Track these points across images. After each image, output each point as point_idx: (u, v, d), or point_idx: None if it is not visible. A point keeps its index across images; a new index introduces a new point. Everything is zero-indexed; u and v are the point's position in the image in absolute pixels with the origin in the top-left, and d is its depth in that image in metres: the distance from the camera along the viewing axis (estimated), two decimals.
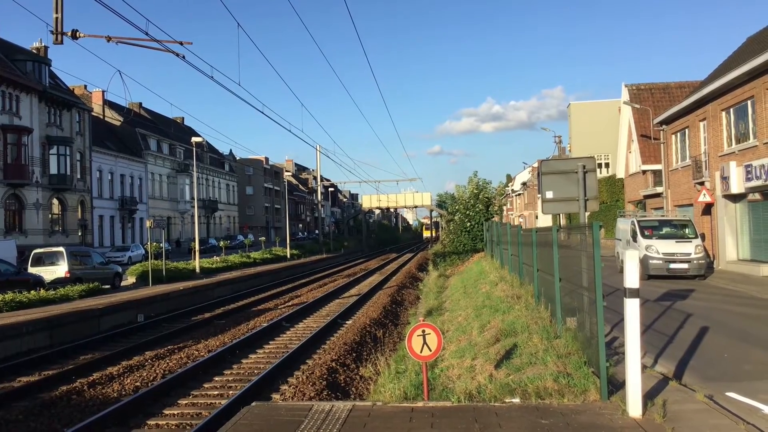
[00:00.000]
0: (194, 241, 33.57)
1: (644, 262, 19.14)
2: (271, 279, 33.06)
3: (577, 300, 7.82)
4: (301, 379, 10.45)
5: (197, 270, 30.15)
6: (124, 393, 10.18)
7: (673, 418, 5.62)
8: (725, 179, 22.17)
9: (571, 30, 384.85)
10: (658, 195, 30.57)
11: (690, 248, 19.44)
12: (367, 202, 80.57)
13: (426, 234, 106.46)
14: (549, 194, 11.07)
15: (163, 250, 29.29)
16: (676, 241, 19.73)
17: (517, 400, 6.40)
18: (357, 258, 56.16)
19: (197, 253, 31.28)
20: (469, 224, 33.36)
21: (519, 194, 79.94)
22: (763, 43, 21.60)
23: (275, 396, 9.84)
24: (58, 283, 21.58)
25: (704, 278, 19.51)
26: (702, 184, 24.63)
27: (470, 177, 35.04)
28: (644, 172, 32.67)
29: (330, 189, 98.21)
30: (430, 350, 6.76)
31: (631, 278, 5.73)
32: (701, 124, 25.39)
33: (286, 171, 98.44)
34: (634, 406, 5.71)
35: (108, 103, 57.67)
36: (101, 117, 55.76)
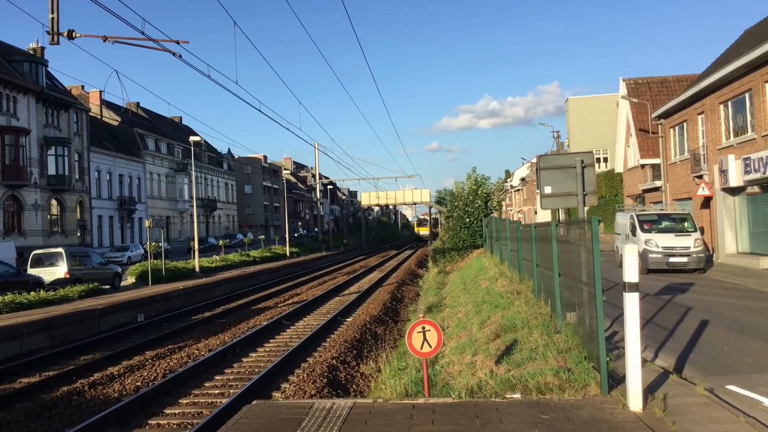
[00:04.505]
0: (193, 241, 33.55)
1: (643, 256, 19.15)
2: (270, 277, 33.04)
3: (576, 295, 7.82)
4: (301, 377, 10.45)
5: (197, 269, 30.14)
6: (124, 393, 10.18)
7: (674, 412, 5.62)
8: (724, 172, 22.17)
9: (566, 25, 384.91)
10: (656, 189, 30.58)
11: (689, 242, 19.45)
12: (366, 199, 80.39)
13: (420, 231, 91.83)
14: (548, 189, 11.06)
15: (162, 249, 29.27)
16: (676, 235, 19.74)
17: (517, 396, 6.40)
18: (356, 255, 56.15)
19: (197, 253, 31.25)
20: (468, 220, 33.31)
21: (518, 190, 79.95)
22: (760, 36, 21.58)
23: (276, 394, 9.83)
24: (57, 283, 21.56)
25: (704, 272, 19.52)
26: (701, 177, 24.62)
27: (469, 173, 34.98)
28: (643, 166, 32.66)
29: (329, 187, 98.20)
30: (431, 347, 6.76)
31: (631, 272, 5.73)
32: (699, 117, 25.38)
33: (285, 169, 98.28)
34: (635, 400, 5.72)
35: (105, 103, 57.56)
36: (99, 117, 55.65)
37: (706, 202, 24.67)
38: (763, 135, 19.75)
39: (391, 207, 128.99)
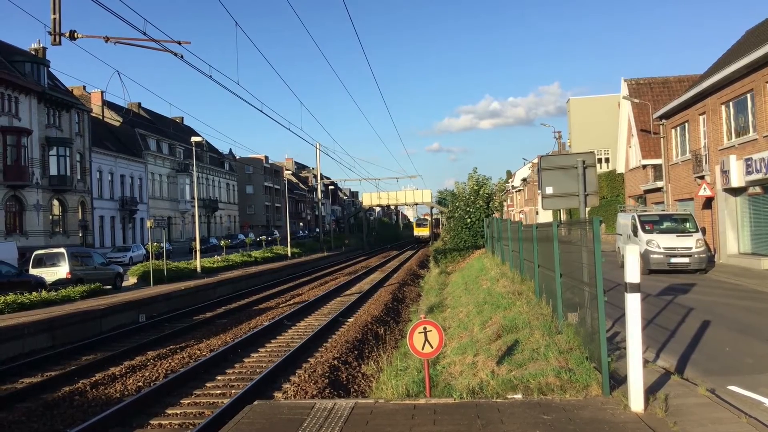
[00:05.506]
0: (195, 241, 33.58)
1: (645, 256, 19.13)
2: (272, 278, 33.05)
3: (578, 295, 7.82)
4: (303, 377, 10.45)
5: (198, 269, 30.14)
6: (126, 393, 10.19)
7: (675, 413, 5.62)
8: (725, 173, 22.15)
9: (566, 25, 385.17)
10: (658, 189, 30.56)
11: (691, 242, 19.43)
12: (367, 199, 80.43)
13: (419, 232, 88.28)
14: (549, 190, 11.05)
15: (163, 250, 29.24)
16: (677, 236, 19.72)
17: (519, 396, 6.40)
18: (358, 256, 56.16)
19: (198, 253, 31.27)
20: (469, 220, 33.32)
21: (519, 190, 79.90)
22: (761, 37, 21.56)
23: (277, 394, 9.84)
24: (59, 284, 21.58)
25: (705, 272, 19.50)
26: (702, 178, 24.60)
27: (470, 173, 35.03)
28: (644, 166, 32.64)
29: (330, 187, 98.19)
30: (432, 347, 6.77)
31: (632, 273, 5.73)
32: (701, 118, 25.36)
33: (286, 169, 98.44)
34: (636, 401, 5.72)
35: (107, 104, 57.61)
36: (100, 117, 55.69)
37: (708, 202, 24.65)
38: (765, 135, 19.73)
39: (392, 207, 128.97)
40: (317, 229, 77.84)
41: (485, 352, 8.69)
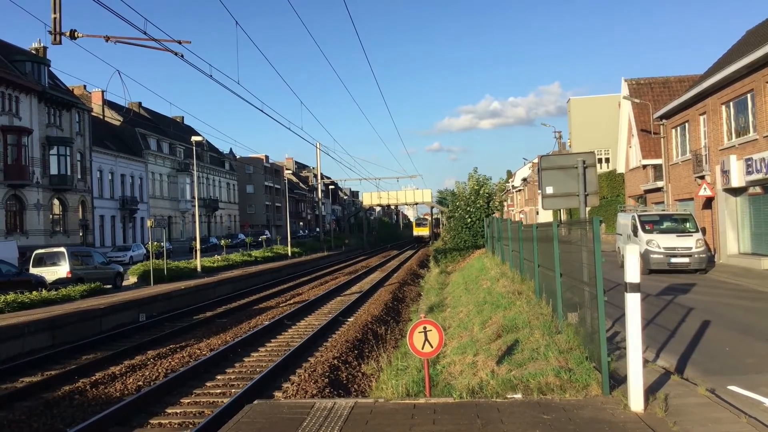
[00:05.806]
0: (195, 240, 33.58)
1: (645, 256, 19.13)
2: (272, 277, 33.04)
3: (578, 295, 7.82)
4: (303, 376, 10.44)
5: (198, 269, 30.14)
6: (126, 392, 10.19)
7: (675, 412, 5.62)
8: (725, 173, 22.15)
9: (567, 26, 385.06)
10: (658, 189, 30.56)
11: (691, 242, 19.44)
12: (367, 199, 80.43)
13: (419, 232, 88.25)
14: (549, 190, 11.05)
15: (164, 249, 29.23)
16: (677, 236, 19.73)
17: (519, 396, 6.40)
18: (358, 255, 56.15)
19: (198, 252, 31.27)
20: (469, 220, 33.32)
21: (519, 190, 79.91)
22: (762, 37, 21.56)
23: (277, 394, 9.84)
24: (59, 283, 21.60)
25: (705, 272, 19.51)
26: (702, 178, 24.61)
27: (470, 173, 35.04)
28: (644, 166, 32.64)
29: (330, 187, 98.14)
30: (432, 347, 6.77)
31: (632, 273, 5.73)
32: (701, 118, 25.36)
33: (287, 169, 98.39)
34: (636, 401, 5.72)
35: (107, 103, 57.62)
36: (101, 117, 55.70)
37: (708, 202, 24.65)
38: (765, 135, 19.73)
39: (392, 207, 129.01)
40: (317, 229, 77.82)
41: (485, 352, 8.69)
